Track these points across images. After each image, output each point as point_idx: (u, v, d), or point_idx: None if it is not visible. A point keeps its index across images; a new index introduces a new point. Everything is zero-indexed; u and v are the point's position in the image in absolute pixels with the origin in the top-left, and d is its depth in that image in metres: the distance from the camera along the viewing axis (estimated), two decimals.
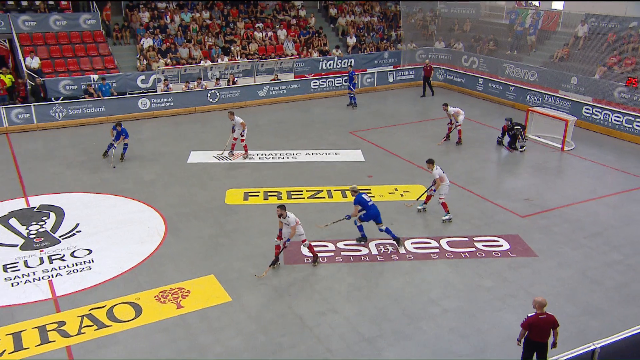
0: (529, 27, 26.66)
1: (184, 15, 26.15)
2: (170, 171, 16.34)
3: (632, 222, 13.31)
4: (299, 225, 11.14)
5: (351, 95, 23.12)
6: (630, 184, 15.53)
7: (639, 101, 20.01)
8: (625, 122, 19.54)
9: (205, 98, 22.85)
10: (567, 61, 24.09)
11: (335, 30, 29.60)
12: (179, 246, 12.07)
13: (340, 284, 10.74)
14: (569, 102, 21.31)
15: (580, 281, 10.89)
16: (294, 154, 17.88)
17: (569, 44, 24.60)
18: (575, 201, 14.39)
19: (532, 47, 26.16)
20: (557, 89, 22.74)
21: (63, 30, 23.53)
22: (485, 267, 11.37)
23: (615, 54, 22.43)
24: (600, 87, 21.32)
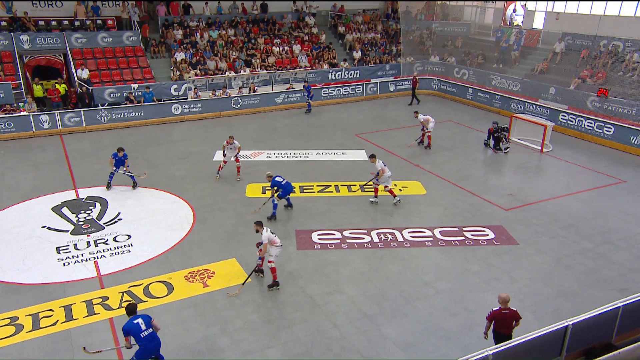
0: (513, 43, 26.33)
1: (212, 33, 26.11)
2: (199, 168, 16.35)
3: (602, 215, 13.13)
4: (274, 247, 9.81)
5: (309, 104, 22.73)
6: (600, 182, 15.32)
7: (608, 109, 19.70)
8: (596, 127, 19.24)
9: (229, 104, 22.83)
10: (546, 74, 23.76)
11: (343, 45, 29.41)
12: (205, 233, 12.09)
13: (346, 268, 10.70)
14: (548, 110, 21.03)
15: (556, 266, 10.76)
16: (306, 153, 17.83)
17: (548, 58, 24.27)
18: (552, 196, 14.22)
19: (515, 61, 25.83)
20: (537, 98, 22.43)
21: (109, 46, 23.60)
22: (473, 253, 11.27)
23: (588, 68, 22.10)
24: (575, 97, 21.01)
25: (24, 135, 19.24)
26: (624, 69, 21.02)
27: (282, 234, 12.05)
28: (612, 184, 15.14)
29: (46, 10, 23.41)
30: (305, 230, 12.23)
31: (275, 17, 28.53)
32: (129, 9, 24.73)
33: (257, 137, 19.65)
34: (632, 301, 7.75)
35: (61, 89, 21.07)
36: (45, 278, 10.23)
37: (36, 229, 12.19)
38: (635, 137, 17.91)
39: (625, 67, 20.98)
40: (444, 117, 22.57)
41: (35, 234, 11.95)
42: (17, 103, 20.09)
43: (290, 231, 12.18)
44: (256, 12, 28.30)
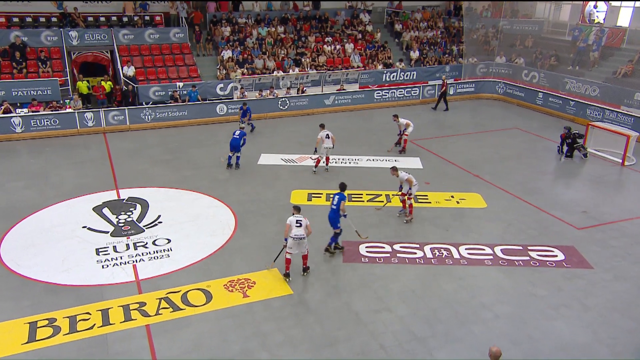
0: (592, 43, 25.23)
1: (261, 30, 26.67)
2: (242, 171, 16.63)
3: None
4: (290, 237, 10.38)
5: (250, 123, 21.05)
6: None
7: None
8: None
9: (276, 105, 23.15)
10: (630, 77, 22.58)
11: (399, 45, 29.25)
12: (247, 240, 12.26)
13: (395, 284, 10.55)
14: (631, 118, 19.95)
15: (637, 295, 10.15)
16: (355, 159, 17.79)
17: (634, 60, 23.06)
18: (634, 216, 13.45)
19: (594, 63, 24.74)
20: (619, 105, 21.36)
21: (156, 43, 24.62)
22: (539, 276, 10.83)
23: None
24: None
25: (69, 133, 20.34)
26: None
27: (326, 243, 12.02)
28: None
29: (95, 6, 24.75)
30: (352, 241, 12.17)
31: (328, 14, 28.79)
32: (177, 5, 25.71)
33: (304, 141, 19.77)
34: None
35: (107, 87, 22.16)
36: (83, 280, 10.71)
37: (77, 229, 12.81)
38: None
39: None
40: (509, 124, 21.93)
41: (76, 234, 12.56)
42: (63, 100, 21.30)
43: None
44: (308, 9, 28.68)
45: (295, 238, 10.42)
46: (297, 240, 10.45)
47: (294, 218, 10.48)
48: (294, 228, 10.41)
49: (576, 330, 9.17)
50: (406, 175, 13.08)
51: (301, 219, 10.51)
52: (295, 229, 10.41)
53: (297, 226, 10.43)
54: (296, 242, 10.46)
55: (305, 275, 10.85)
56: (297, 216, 10.53)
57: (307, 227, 10.51)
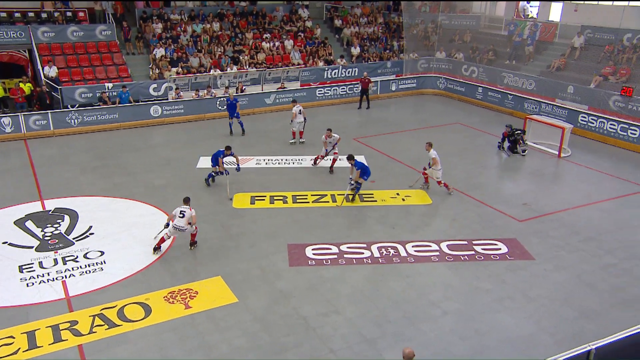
0: (527, 37, 26.55)
1: (195, 26, 26.21)
2: (180, 176, 16.32)
3: (626, 226, 13.19)
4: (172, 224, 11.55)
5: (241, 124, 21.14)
6: (624, 190, 15.40)
7: (633, 109, 19.86)
8: (620, 129, 19.39)
9: (214, 105, 22.84)
10: (563, 71, 23.96)
11: (340, 41, 29.59)
12: (188, 248, 12.04)
13: (343, 286, 10.67)
14: (566, 110, 21.18)
15: (576, 284, 10.78)
16: (299, 159, 17.84)
17: (566, 54, 24.48)
18: (571, 206, 14.27)
19: (530, 58, 26.05)
20: (554, 98, 22.60)
21: (80, 41, 23.65)
22: (484, 269, 11.28)
23: (611, 64, 22.29)
24: (596, 96, 21.19)
25: None
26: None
27: (272, 248, 12.04)
28: (637, 192, 15.22)
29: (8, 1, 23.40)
30: (298, 244, 12.21)
31: (266, 9, 28.71)
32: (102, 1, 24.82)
33: (245, 142, 19.65)
34: None
35: (26, 89, 21.04)
36: (5, 300, 10.15)
37: None
38: None
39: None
40: (451, 119, 22.69)
41: None
42: None
43: (281, 245, 12.16)
44: (244, 4, 28.47)
45: (176, 228, 11.50)
46: (177, 229, 11.53)
47: (179, 209, 11.57)
48: (176, 218, 11.48)
49: (520, 322, 9.63)
50: (434, 155, 14.59)
51: (185, 210, 11.55)
52: (178, 219, 11.47)
53: (179, 217, 11.48)
54: (176, 231, 11.57)
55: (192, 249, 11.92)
56: (183, 207, 11.62)
57: (192, 218, 11.54)
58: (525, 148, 18.31)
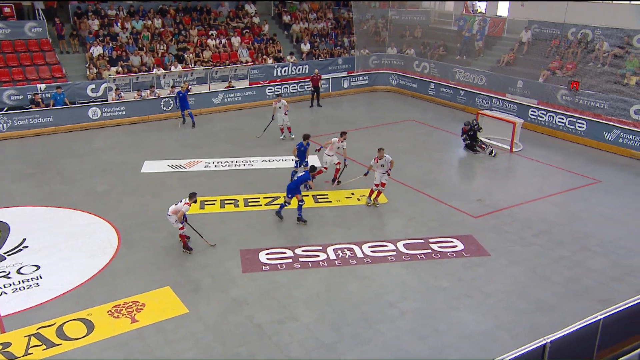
0: (476, 33, 27.33)
1: (135, 23, 25.54)
2: (124, 181, 15.89)
3: (577, 219, 13.76)
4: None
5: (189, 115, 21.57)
6: (574, 183, 16.07)
7: (580, 103, 20.77)
8: (568, 123, 20.24)
9: (158, 106, 22.36)
10: (513, 65, 24.80)
11: (289, 37, 29.55)
12: (133, 258, 11.72)
13: (299, 290, 10.64)
14: (516, 105, 21.92)
15: (531, 278, 11.15)
16: (250, 161, 17.69)
17: (514, 49, 25.34)
18: (524, 201, 14.77)
19: (479, 53, 26.82)
20: (504, 93, 23.36)
21: (7, 39, 22.59)
22: (441, 267, 11.50)
23: (557, 59, 23.24)
24: (545, 91, 22.03)
25: None
26: (595, 59, 22.25)
27: (224, 254, 11.87)
28: (587, 185, 15.93)
29: None
30: (251, 249, 12.10)
31: (210, 5, 28.31)
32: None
33: (192, 144, 19.35)
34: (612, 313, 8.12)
35: None
36: None
37: None
38: (609, 134, 18.96)
39: (596, 57, 22.21)
40: (405, 116, 23.06)
41: None
42: None
43: (233, 251, 12.01)
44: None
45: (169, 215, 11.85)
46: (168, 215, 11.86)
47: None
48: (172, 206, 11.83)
49: (478, 318, 9.88)
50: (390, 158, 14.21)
51: (180, 201, 11.79)
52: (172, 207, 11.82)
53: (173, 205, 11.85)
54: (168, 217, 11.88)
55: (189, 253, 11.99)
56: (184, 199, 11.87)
57: (178, 211, 11.65)
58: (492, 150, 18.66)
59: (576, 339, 7.77)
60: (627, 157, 18.21)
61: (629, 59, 20.97)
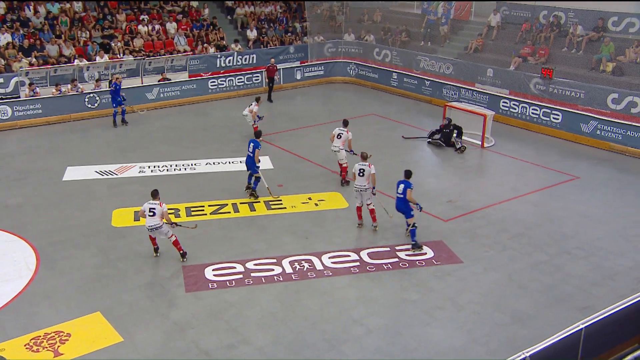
0: (441, 16, 27.86)
1: (50, 7, 24.83)
2: (42, 192, 15.46)
3: (555, 219, 14.23)
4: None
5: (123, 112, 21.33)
6: (551, 180, 16.62)
7: (554, 93, 21.49)
8: (542, 114, 20.92)
9: (82, 103, 21.84)
10: (481, 52, 25.43)
11: (233, 23, 29.37)
12: (55, 281, 11.40)
13: (252, 309, 10.58)
14: (486, 96, 22.51)
15: (507, 286, 11.45)
16: (192, 164, 17.49)
17: (483, 34, 25.99)
18: (497, 201, 15.16)
19: (445, 38, 27.38)
20: (473, 82, 23.93)
21: None
22: (409, 278, 11.66)
23: (529, 44, 23.99)
24: (516, 79, 22.70)
25: None
26: (568, 44, 23.09)
27: (164, 272, 11.70)
28: (564, 182, 16.50)
29: None
30: (195, 265, 11.95)
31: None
32: None
33: (124, 146, 19.02)
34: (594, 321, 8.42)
35: None
36: None
37: None
38: (585, 125, 19.72)
39: (570, 42, 23.05)
40: (365, 110, 23.30)
41: None
42: None
43: (174, 268, 11.86)
44: None
45: (150, 228, 11.69)
46: (152, 230, 11.72)
47: (148, 205, 11.66)
48: (147, 217, 11.60)
49: (451, 333, 10.06)
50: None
51: (155, 206, 11.62)
52: (149, 219, 11.60)
53: (150, 215, 11.58)
54: (152, 231, 11.76)
55: (184, 260, 12.06)
56: (151, 203, 11.70)
57: (164, 214, 11.63)
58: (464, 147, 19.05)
59: (557, 352, 8.02)
60: (606, 150, 18.97)
61: (604, 43, 21.84)
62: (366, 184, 13.14)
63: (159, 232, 11.79)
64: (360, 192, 13.29)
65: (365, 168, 13.17)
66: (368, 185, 13.15)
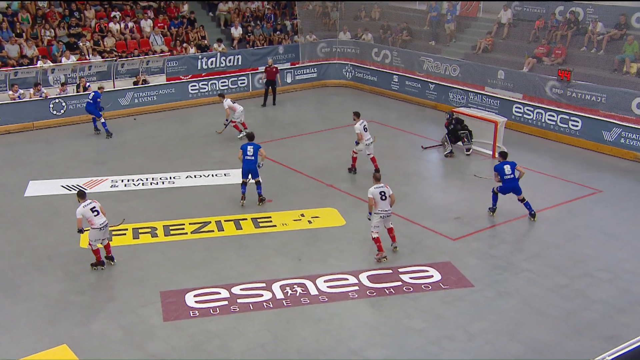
0: (446, 13, 28.06)
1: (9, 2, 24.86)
2: (1, 209, 15.46)
3: (575, 238, 14.26)
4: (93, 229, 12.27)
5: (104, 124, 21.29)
6: (569, 194, 16.68)
7: (572, 97, 21.60)
8: (559, 121, 21.05)
9: (46, 110, 21.91)
10: (491, 52, 25.62)
11: (215, 20, 29.51)
12: (16, 309, 11.33)
13: (238, 340, 10.52)
14: (497, 100, 22.64)
15: (524, 313, 11.43)
16: (170, 177, 17.49)
17: (492, 32, 26.19)
18: (511, 217, 15.19)
19: (451, 37, 27.56)
20: (482, 86, 24.07)
21: None
22: (415, 304, 11.64)
23: (544, 43, 24.18)
24: (531, 82, 22.83)
25: None
26: (588, 43, 23.27)
27: (139, 299, 11.61)
28: (585, 196, 16.56)
29: None
30: (174, 290, 11.90)
31: None
32: None
33: (94, 158, 19.06)
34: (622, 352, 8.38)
35: None
36: None
37: None
38: (608, 133, 19.85)
39: (589, 41, 23.24)
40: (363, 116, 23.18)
41: None
42: None
43: (151, 294, 11.79)
44: None
45: (101, 228, 12.34)
46: (103, 229, 12.38)
47: (87, 207, 12.32)
48: (93, 218, 12.21)
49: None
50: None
51: (94, 204, 12.42)
52: (96, 218, 12.26)
53: (95, 215, 12.28)
54: (102, 232, 12.37)
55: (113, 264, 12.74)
56: (87, 204, 12.38)
57: (100, 208, 12.48)
58: (470, 146, 19.29)
59: None
60: (631, 160, 19.08)
61: (627, 42, 21.97)
62: (389, 207, 13.05)
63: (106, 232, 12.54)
64: (384, 219, 13.06)
65: (385, 190, 13.08)
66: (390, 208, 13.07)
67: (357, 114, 17.74)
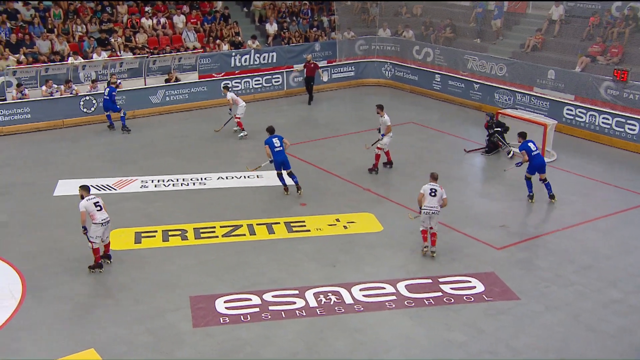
0: (493, 8, 27.78)
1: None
2: (29, 209, 15.74)
3: (631, 249, 13.99)
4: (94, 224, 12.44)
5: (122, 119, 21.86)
6: (624, 202, 16.37)
7: (629, 98, 21.21)
8: (615, 124, 20.68)
9: (77, 107, 22.27)
10: (541, 51, 25.31)
11: (250, 16, 29.72)
12: (43, 312, 11.53)
13: (270, 349, 10.57)
14: (547, 102, 22.34)
15: (573, 328, 11.26)
16: (201, 178, 17.65)
17: (543, 29, 25.88)
18: (560, 226, 14.98)
19: (498, 34, 27.30)
20: (531, 86, 23.79)
21: None
22: (455, 316, 11.55)
23: (599, 41, 23.79)
24: (584, 83, 22.47)
25: None
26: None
27: (168, 303, 11.75)
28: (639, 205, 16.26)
29: None
30: (204, 295, 12.00)
31: None
32: None
33: (123, 158, 19.30)
34: None
35: None
36: None
37: None
38: None
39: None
40: (402, 118, 23.24)
41: None
42: None
43: (181, 299, 11.91)
44: None
45: (103, 223, 12.50)
46: (105, 223, 12.56)
47: (90, 202, 12.45)
48: (96, 213, 12.38)
49: None
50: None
51: (97, 199, 12.57)
52: (99, 213, 12.42)
53: (98, 210, 12.42)
54: (104, 227, 12.57)
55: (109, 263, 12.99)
56: (91, 199, 12.50)
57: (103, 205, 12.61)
58: (511, 150, 19.14)
59: None
60: None
61: None
62: (438, 206, 13.17)
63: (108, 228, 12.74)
64: (429, 215, 13.22)
65: (438, 189, 13.23)
66: (439, 208, 13.24)
67: (382, 107, 18.02)
